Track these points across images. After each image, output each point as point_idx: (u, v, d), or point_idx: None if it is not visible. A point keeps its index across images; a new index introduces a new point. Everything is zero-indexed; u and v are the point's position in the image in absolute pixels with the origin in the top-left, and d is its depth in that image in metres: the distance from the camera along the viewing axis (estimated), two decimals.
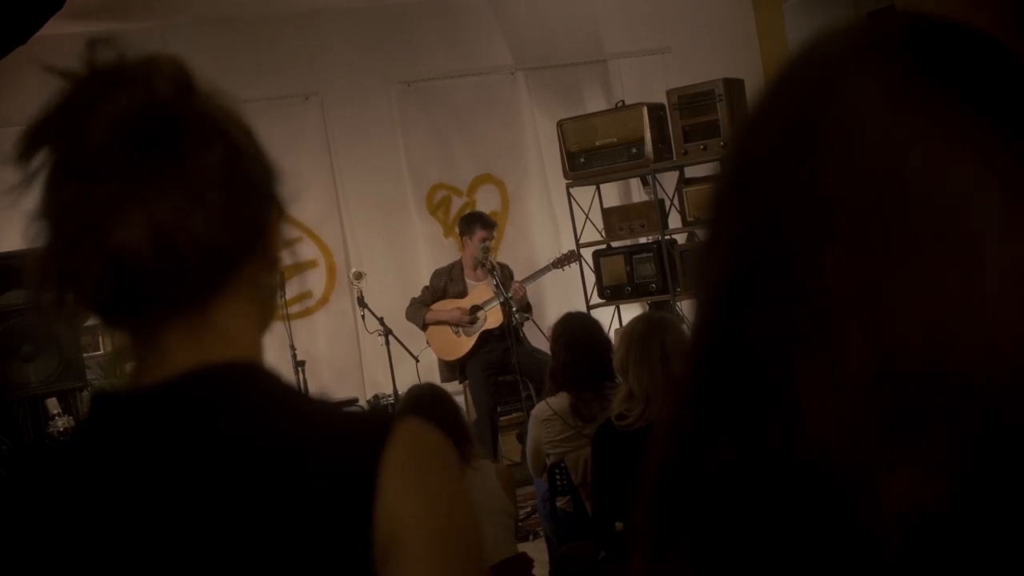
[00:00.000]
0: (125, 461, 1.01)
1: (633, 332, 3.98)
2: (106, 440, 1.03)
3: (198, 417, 1.00)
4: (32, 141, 1.00)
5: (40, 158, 1.00)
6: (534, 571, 4.20)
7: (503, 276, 7.24)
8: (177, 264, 0.98)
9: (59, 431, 5.40)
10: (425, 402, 4.06)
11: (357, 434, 1.01)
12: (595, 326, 4.84)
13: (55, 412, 5.55)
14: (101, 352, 6.74)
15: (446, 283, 7.42)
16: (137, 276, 0.98)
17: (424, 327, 7.36)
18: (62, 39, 6.24)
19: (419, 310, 7.37)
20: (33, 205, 1.01)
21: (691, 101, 7.10)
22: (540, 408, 4.69)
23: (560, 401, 4.57)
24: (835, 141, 0.63)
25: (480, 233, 7.31)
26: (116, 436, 1.02)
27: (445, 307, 7.34)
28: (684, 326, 6.48)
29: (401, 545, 0.96)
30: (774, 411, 0.62)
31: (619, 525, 3.81)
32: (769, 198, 0.65)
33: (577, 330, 4.67)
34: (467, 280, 7.41)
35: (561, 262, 7.37)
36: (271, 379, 1.05)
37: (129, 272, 0.97)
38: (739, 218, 0.67)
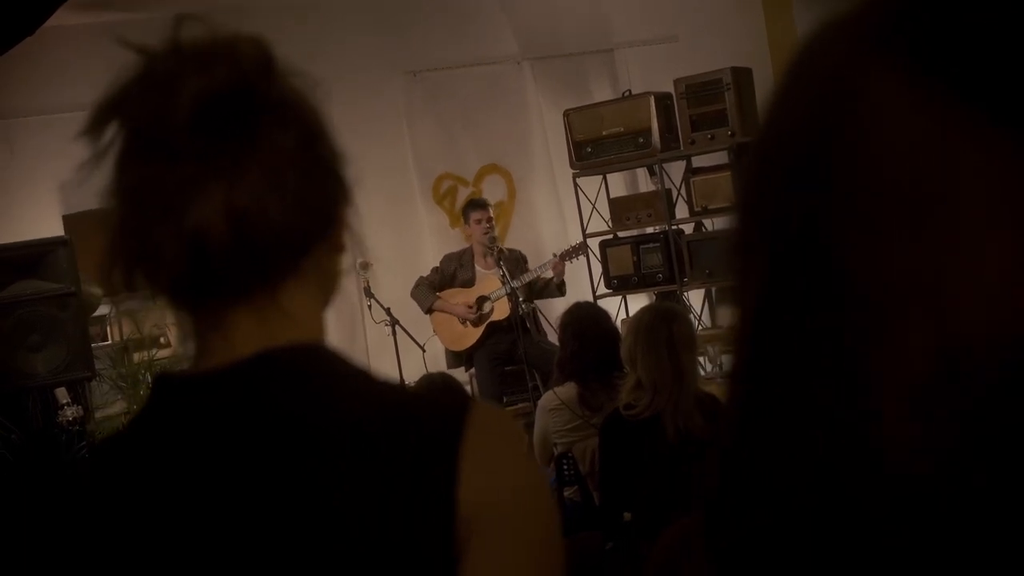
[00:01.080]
0: (193, 446, 1.00)
1: (641, 322, 3.99)
2: (172, 425, 1.02)
3: (265, 401, 1.00)
4: (105, 114, 0.99)
5: (111, 132, 0.98)
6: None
7: (513, 261, 7.23)
8: (253, 247, 0.97)
9: (68, 421, 5.41)
10: (437, 390, 4.07)
11: (435, 415, 1.01)
12: (603, 316, 4.85)
13: (64, 402, 5.55)
14: (109, 342, 6.76)
15: (456, 269, 7.41)
16: (213, 258, 0.97)
17: (429, 312, 7.36)
18: (69, 30, 6.25)
19: (427, 294, 7.36)
20: (104, 182, 1.00)
21: (699, 90, 7.09)
22: (547, 398, 4.70)
23: (567, 391, 4.58)
24: (868, 135, 0.63)
25: (473, 215, 7.29)
26: (183, 420, 1.02)
27: (453, 298, 7.33)
28: (691, 316, 6.49)
29: (483, 525, 0.96)
30: (844, 414, 0.62)
31: (627, 515, 3.82)
32: (806, 199, 0.65)
33: (585, 320, 4.68)
34: (477, 267, 7.41)
35: (569, 255, 7.36)
36: (339, 360, 1.04)
37: (206, 254, 0.96)
38: (775, 223, 0.67)
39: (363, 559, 0.94)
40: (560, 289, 7.27)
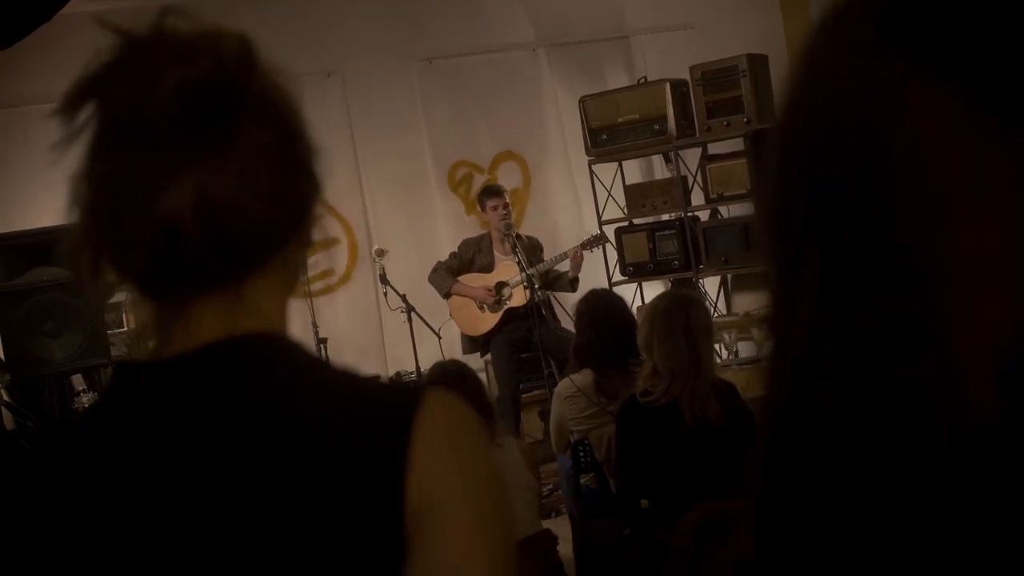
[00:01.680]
0: (148, 431, 1.00)
1: (657, 309, 3.98)
2: (129, 410, 1.02)
3: (224, 386, 1.00)
4: (81, 95, 0.98)
5: (86, 113, 0.97)
6: (558, 548, 4.20)
7: (529, 248, 7.21)
8: (224, 241, 0.97)
9: (84, 407, 5.43)
10: (450, 377, 4.06)
11: (386, 403, 1.01)
12: (619, 303, 4.84)
13: (80, 388, 5.57)
14: (125, 329, 6.78)
15: (474, 254, 7.40)
16: (183, 249, 0.96)
17: (447, 296, 7.35)
18: (84, 17, 6.25)
19: (445, 278, 7.35)
20: (75, 167, 0.99)
21: (714, 77, 7.06)
22: (564, 385, 4.69)
23: (584, 378, 4.57)
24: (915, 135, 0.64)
25: (490, 202, 7.27)
26: (140, 406, 1.02)
27: (472, 283, 7.33)
28: (708, 303, 6.47)
29: (433, 513, 0.96)
30: (930, 390, 0.62)
31: (645, 503, 3.81)
32: (875, 190, 0.65)
33: (601, 307, 4.67)
34: (495, 253, 7.39)
35: (589, 244, 7.34)
36: (297, 350, 1.04)
37: (176, 244, 0.96)
38: (837, 215, 0.67)
39: (313, 547, 0.94)
40: (572, 285, 7.25)
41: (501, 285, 7.28)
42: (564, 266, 7.30)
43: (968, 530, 0.60)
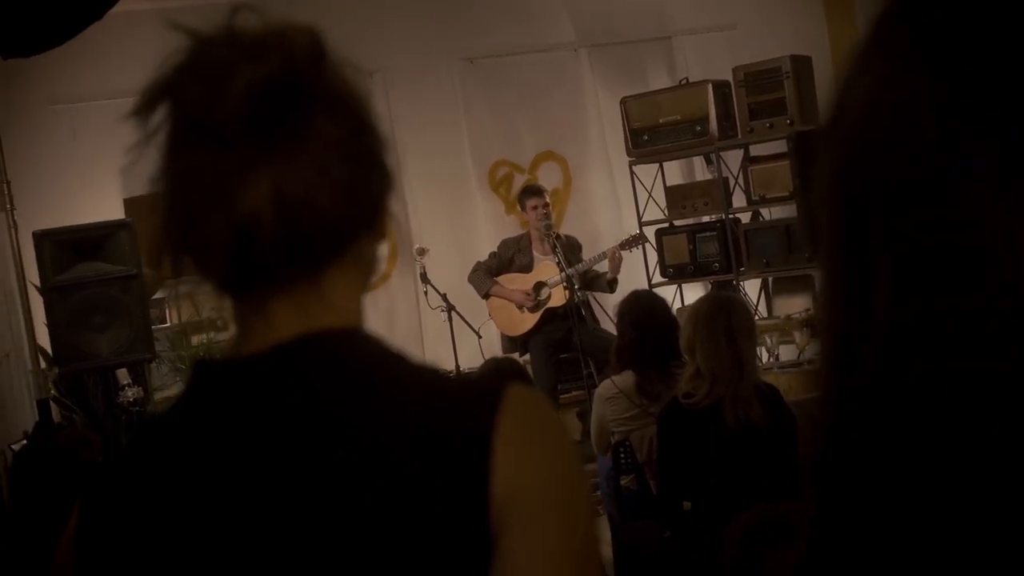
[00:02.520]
0: (230, 430, 1.01)
1: (700, 311, 3.97)
2: (210, 409, 1.03)
3: (305, 383, 1.00)
4: (155, 97, 1.00)
5: (160, 116, 0.99)
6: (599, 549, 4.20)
7: (568, 248, 7.22)
8: (300, 237, 0.98)
9: (129, 401, 5.48)
10: (506, 373, 4.07)
11: (469, 398, 1.01)
12: (661, 304, 4.83)
13: (125, 383, 5.63)
14: (168, 324, 6.84)
15: (514, 254, 7.41)
16: (261, 246, 0.97)
17: (486, 297, 7.37)
18: (131, 16, 6.32)
19: (484, 279, 7.37)
20: (153, 166, 1.01)
21: (758, 78, 7.04)
22: (605, 386, 4.69)
23: (625, 379, 4.57)
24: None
25: (530, 202, 7.28)
26: (221, 404, 1.03)
27: (511, 284, 7.34)
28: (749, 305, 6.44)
29: (518, 507, 0.96)
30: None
31: (687, 505, 3.80)
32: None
33: (643, 308, 4.66)
34: (535, 253, 7.40)
35: (628, 244, 7.33)
36: (377, 344, 1.04)
37: (253, 242, 0.97)
38: (903, 223, 0.70)
39: (397, 544, 0.95)
40: (611, 286, 7.24)
41: (540, 285, 7.29)
42: (602, 267, 7.30)
43: None
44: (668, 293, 7.28)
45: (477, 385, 1.06)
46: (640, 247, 7.46)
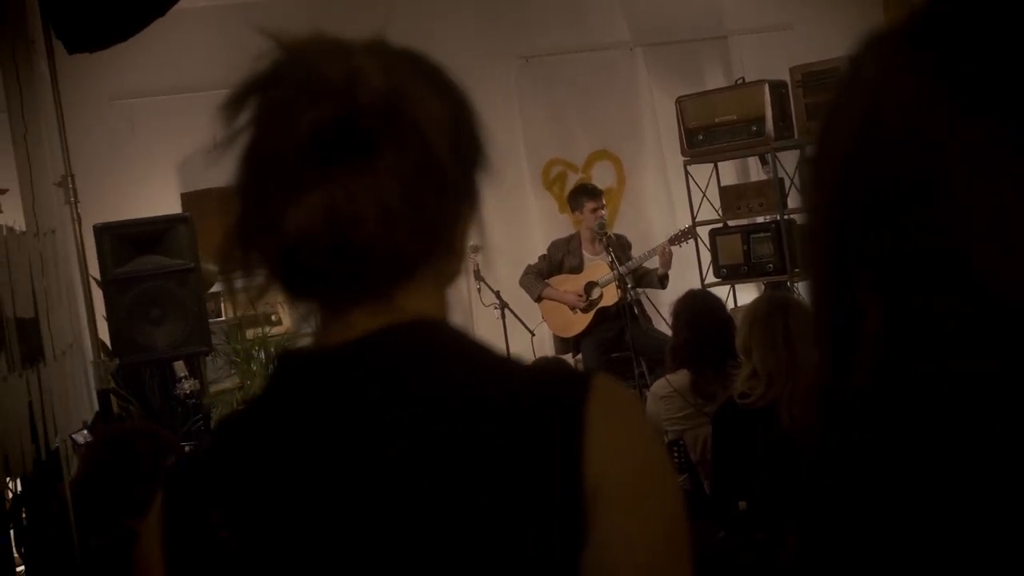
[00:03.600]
0: (316, 421, 1.02)
1: (756, 312, 3.95)
2: (295, 399, 1.04)
3: (389, 372, 1.01)
4: (242, 98, 1.02)
5: (245, 118, 1.02)
6: None
7: (619, 247, 7.20)
8: (356, 267, 1.00)
9: (185, 393, 5.54)
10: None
11: (556, 386, 1.02)
12: (717, 304, 4.82)
13: (182, 375, 5.69)
14: (223, 318, 6.91)
15: (564, 255, 7.41)
16: (315, 271, 1.00)
17: (538, 300, 7.38)
18: (189, 12, 6.38)
19: (535, 282, 7.37)
20: (228, 166, 1.03)
21: (816, 78, 6.99)
22: (660, 385, 4.68)
23: (680, 378, 4.56)
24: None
25: (588, 204, 7.27)
26: (305, 395, 1.04)
27: (562, 285, 7.33)
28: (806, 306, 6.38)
29: (611, 491, 0.97)
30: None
31: (743, 504, 3.79)
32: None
33: (699, 308, 4.65)
34: (584, 254, 7.40)
35: (677, 239, 7.31)
36: (460, 335, 1.05)
37: (307, 266, 1.00)
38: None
39: (489, 534, 0.95)
40: (662, 282, 7.23)
41: (591, 285, 7.28)
42: (653, 263, 7.28)
43: None
44: (721, 294, 7.23)
45: (563, 375, 1.06)
46: (692, 243, 7.43)
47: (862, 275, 0.72)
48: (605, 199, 7.53)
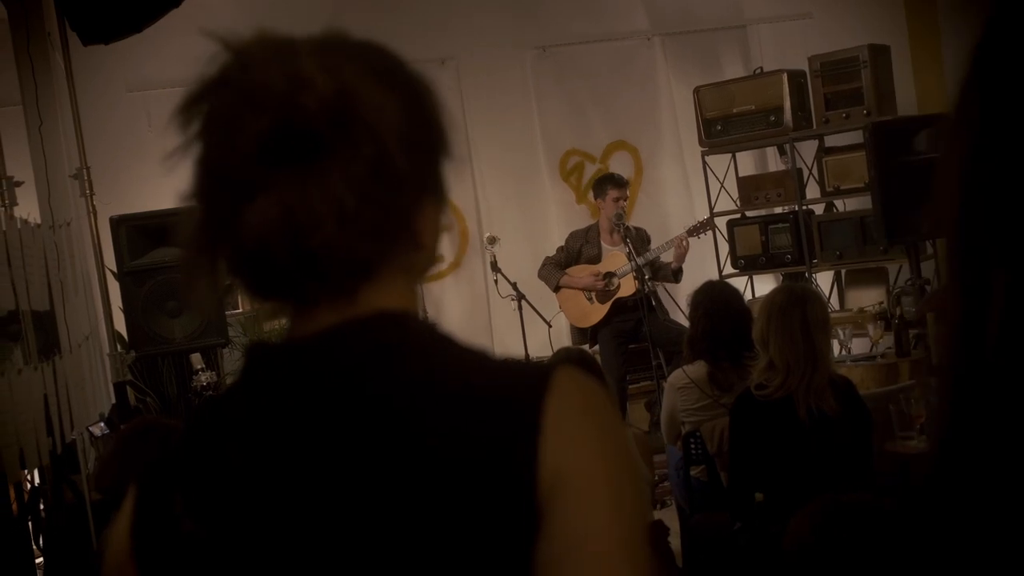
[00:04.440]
0: (282, 409, 1.03)
1: (774, 303, 3.93)
2: (261, 388, 1.06)
3: (346, 366, 1.02)
4: (192, 107, 1.02)
5: (195, 127, 1.01)
6: (669, 539, 4.18)
7: (638, 240, 7.18)
8: (315, 268, 1.00)
9: (202, 386, 5.55)
10: (575, 361, 4.07)
11: (518, 379, 1.02)
12: (735, 295, 4.80)
13: (199, 367, 5.70)
14: (240, 311, 6.91)
15: (581, 245, 7.39)
16: (276, 274, 1.01)
17: (556, 289, 7.36)
18: (205, 3, 6.37)
19: (553, 272, 7.37)
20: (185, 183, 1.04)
21: (834, 68, 6.95)
22: (676, 375, 4.67)
23: (697, 369, 4.55)
24: None
25: (613, 192, 7.25)
26: (271, 384, 1.05)
27: (580, 273, 7.32)
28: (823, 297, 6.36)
29: (565, 486, 0.96)
30: None
31: (760, 496, 3.77)
32: None
33: (717, 299, 4.63)
34: (603, 244, 7.38)
35: (695, 230, 7.29)
36: (425, 327, 1.06)
37: (267, 269, 1.01)
38: None
39: (442, 522, 0.96)
40: (676, 276, 7.20)
41: (609, 275, 7.27)
42: (668, 256, 7.25)
43: None
44: (739, 284, 7.21)
45: (526, 366, 1.06)
46: (708, 234, 7.40)
47: (991, 248, 0.69)
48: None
